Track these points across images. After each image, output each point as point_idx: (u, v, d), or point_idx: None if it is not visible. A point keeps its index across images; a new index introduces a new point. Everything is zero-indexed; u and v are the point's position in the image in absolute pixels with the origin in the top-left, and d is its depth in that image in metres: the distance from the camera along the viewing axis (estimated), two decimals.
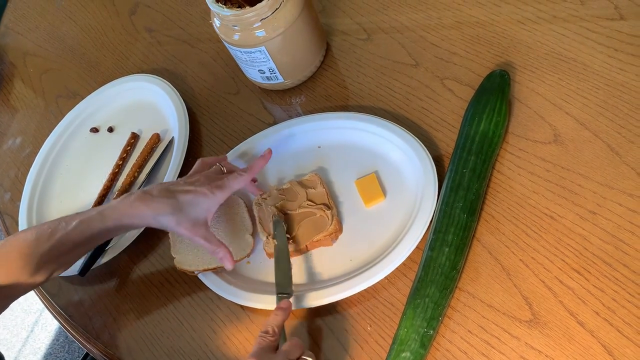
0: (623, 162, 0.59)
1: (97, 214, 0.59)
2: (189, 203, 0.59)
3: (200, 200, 0.60)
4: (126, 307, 0.72)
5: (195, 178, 0.63)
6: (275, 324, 0.54)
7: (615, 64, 0.65)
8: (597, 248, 0.56)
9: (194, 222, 0.60)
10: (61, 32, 1.09)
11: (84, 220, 0.59)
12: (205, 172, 0.65)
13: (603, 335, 0.52)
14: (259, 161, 0.67)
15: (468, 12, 0.76)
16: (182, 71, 0.91)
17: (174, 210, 0.59)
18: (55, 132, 0.90)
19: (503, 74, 0.66)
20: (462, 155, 0.62)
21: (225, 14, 0.69)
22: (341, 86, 0.78)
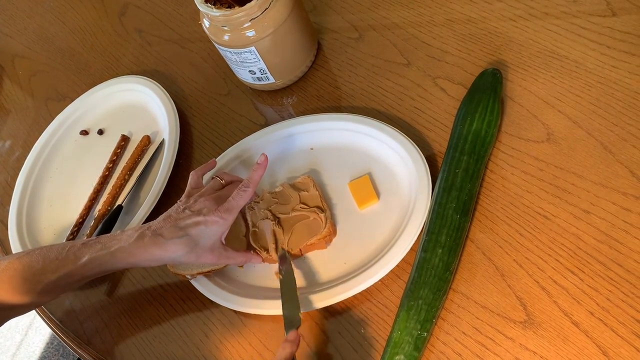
0: (616, 160, 0.59)
1: (109, 254, 0.58)
2: (202, 236, 0.58)
3: (213, 229, 0.58)
4: (118, 311, 0.71)
5: (200, 203, 0.59)
6: (284, 359, 0.52)
7: (608, 61, 0.65)
8: (591, 247, 0.56)
9: (211, 250, 0.59)
10: (50, 34, 1.08)
11: (95, 259, 0.58)
12: (206, 192, 0.62)
13: (598, 335, 0.52)
14: (258, 170, 0.63)
15: (459, 9, 0.76)
16: (172, 72, 0.90)
17: (190, 248, 0.58)
18: (45, 135, 0.89)
19: (495, 72, 0.66)
20: (454, 155, 0.61)
21: (215, 14, 0.68)
22: (333, 86, 0.77)
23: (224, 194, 0.62)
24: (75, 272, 0.58)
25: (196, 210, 0.58)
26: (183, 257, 0.58)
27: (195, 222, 0.58)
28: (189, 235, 0.57)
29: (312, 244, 0.63)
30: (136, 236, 0.58)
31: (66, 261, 0.58)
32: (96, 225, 0.77)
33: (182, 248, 0.57)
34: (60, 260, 0.58)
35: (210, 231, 0.58)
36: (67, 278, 0.58)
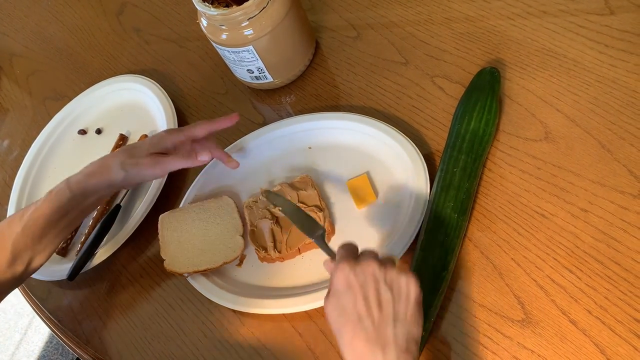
0: (614, 159, 0.59)
1: (64, 181, 0.63)
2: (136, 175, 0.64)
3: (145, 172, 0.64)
4: (116, 311, 0.71)
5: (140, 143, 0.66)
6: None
7: (605, 60, 0.65)
8: (588, 246, 0.56)
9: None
10: (48, 33, 1.08)
11: (52, 190, 0.63)
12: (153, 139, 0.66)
13: (595, 333, 0.52)
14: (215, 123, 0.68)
15: (457, 8, 0.76)
16: (170, 71, 0.90)
17: (124, 180, 0.64)
18: (43, 134, 0.89)
19: (493, 71, 0.66)
20: (452, 154, 0.61)
21: (212, 13, 0.68)
22: (331, 85, 0.77)
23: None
24: (37, 215, 0.61)
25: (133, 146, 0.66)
26: (127, 166, 0.63)
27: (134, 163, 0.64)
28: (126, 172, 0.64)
29: (311, 243, 0.63)
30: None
31: (29, 208, 0.63)
32: (94, 224, 0.77)
33: (123, 156, 0.64)
34: (24, 210, 0.63)
35: (132, 164, 0.64)
36: (31, 225, 0.61)
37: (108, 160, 0.64)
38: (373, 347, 0.43)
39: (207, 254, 0.66)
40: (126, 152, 0.64)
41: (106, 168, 0.63)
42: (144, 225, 0.73)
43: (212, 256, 0.65)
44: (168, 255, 0.67)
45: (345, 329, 0.45)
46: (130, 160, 0.63)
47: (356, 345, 0.44)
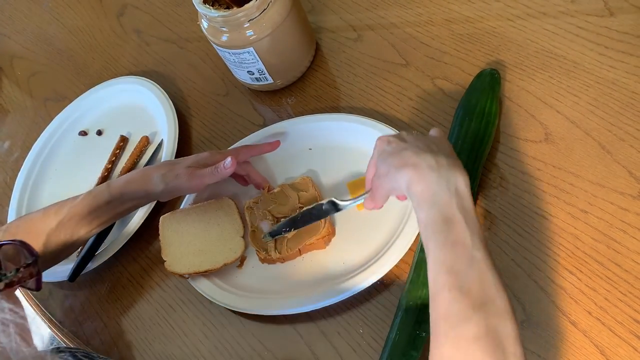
0: (614, 160, 0.59)
1: (105, 184, 0.65)
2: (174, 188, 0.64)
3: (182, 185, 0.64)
4: (117, 312, 0.71)
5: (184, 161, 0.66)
6: None
7: (605, 61, 0.65)
8: (589, 247, 0.56)
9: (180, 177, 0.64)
10: (48, 34, 1.08)
11: (91, 191, 0.65)
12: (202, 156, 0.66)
13: (595, 334, 0.52)
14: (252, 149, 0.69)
15: (457, 9, 0.76)
16: (170, 73, 0.90)
17: (163, 192, 0.64)
18: (44, 136, 0.89)
19: (493, 72, 0.66)
20: None
21: (213, 15, 0.68)
22: (331, 86, 0.78)
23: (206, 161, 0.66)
24: (73, 212, 0.63)
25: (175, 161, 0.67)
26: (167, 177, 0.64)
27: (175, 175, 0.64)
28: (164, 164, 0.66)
29: (311, 244, 0.63)
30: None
31: (64, 204, 0.64)
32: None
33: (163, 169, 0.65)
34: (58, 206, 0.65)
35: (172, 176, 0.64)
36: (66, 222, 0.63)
37: (150, 170, 0.65)
38: (421, 154, 0.48)
39: (208, 255, 0.66)
40: (167, 166, 0.65)
41: (147, 177, 0.64)
42: (144, 226, 0.73)
43: (213, 257, 0.65)
44: (169, 256, 0.67)
45: (393, 160, 0.50)
46: (170, 173, 0.63)
47: (406, 161, 0.48)
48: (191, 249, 0.67)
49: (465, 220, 0.44)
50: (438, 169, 0.46)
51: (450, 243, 0.43)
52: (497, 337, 0.40)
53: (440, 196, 0.45)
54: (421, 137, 0.52)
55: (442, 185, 0.46)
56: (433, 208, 0.45)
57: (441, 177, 0.46)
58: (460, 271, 0.42)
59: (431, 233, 0.45)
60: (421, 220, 0.46)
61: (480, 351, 0.39)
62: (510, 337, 0.40)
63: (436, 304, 0.43)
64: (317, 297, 0.60)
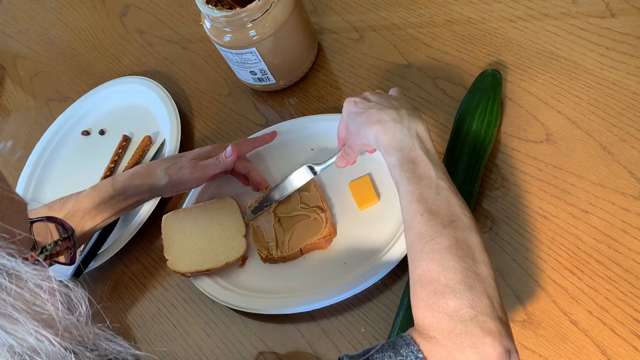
0: (615, 160, 0.59)
1: (110, 178, 0.66)
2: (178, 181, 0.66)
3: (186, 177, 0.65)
4: (119, 310, 0.71)
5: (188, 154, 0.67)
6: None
7: (606, 62, 0.65)
8: (589, 247, 0.56)
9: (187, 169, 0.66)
10: (51, 35, 1.08)
11: (96, 186, 0.66)
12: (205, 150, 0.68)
13: (596, 334, 0.52)
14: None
15: (459, 10, 0.76)
16: (173, 73, 0.90)
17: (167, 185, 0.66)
18: (47, 136, 0.89)
19: (495, 73, 0.66)
20: (454, 155, 0.61)
21: (216, 15, 0.68)
22: (333, 87, 0.78)
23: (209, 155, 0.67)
24: (78, 206, 0.64)
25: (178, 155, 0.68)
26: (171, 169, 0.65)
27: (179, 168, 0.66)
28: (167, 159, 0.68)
29: (313, 244, 0.64)
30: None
31: (70, 198, 0.66)
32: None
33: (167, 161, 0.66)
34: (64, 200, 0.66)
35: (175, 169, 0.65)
36: (72, 216, 0.64)
37: (154, 164, 0.66)
38: (385, 110, 0.55)
39: (210, 254, 0.66)
40: (171, 159, 0.66)
41: (151, 171, 0.65)
42: (147, 225, 0.73)
43: (215, 256, 0.66)
44: (171, 255, 0.67)
45: (361, 119, 0.56)
46: (174, 166, 0.65)
47: (372, 118, 0.55)
48: (193, 248, 0.67)
49: (427, 158, 0.50)
50: (400, 120, 0.53)
51: (416, 177, 0.49)
52: (467, 247, 0.44)
53: (404, 141, 0.52)
54: (383, 95, 0.59)
55: (405, 133, 0.52)
56: (399, 152, 0.51)
57: (403, 126, 0.53)
58: (429, 198, 0.48)
59: (399, 172, 0.50)
60: (390, 164, 0.52)
61: (453, 258, 0.44)
62: (477, 247, 0.45)
63: (410, 228, 0.47)
64: (319, 297, 0.60)
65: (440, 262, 0.44)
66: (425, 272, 0.44)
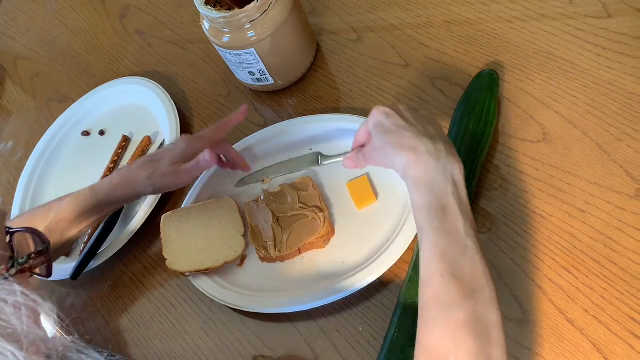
0: (611, 160, 0.59)
1: (89, 188, 0.65)
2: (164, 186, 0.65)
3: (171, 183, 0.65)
4: (118, 310, 0.72)
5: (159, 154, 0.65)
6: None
7: (603, 62, 0.65)
8: (586, 246, 0.56)
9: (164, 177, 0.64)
10: (52, 36, 1.09)
11: (77, 196, 0.65)
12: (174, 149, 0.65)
13: (592, 332, 0.52)
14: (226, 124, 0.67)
15: (457, 11, 0.77)
16: (173, 73, 0.91)
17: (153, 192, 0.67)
18: (47, 136, 0.90)
19: (492, 73, 0.66)
20: None
21: (215, 16, 0.69)
22: (332, 87, 0.78)
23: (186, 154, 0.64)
24: (60, 216, 0.64)
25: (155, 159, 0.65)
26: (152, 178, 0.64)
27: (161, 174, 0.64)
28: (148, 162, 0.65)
29: (311, 243, 0.64)
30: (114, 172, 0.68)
31: (51, 207, 0.65)
32: (98, 225, 0.77)
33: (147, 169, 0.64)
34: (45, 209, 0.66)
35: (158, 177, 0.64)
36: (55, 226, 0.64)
37: (134, 173, 0.64)
38: (421, 138, 0.48)
39: (209, 253, 0.66)
40: (150, 165, 0.64)
41: (133, 181, 0.64)
42: (146, 225, 0.74)
43: (214, 256, 0.66)
44: (170, 255, 0.68)
45: (391, 138, 0.49)
46: (156, 174, 0.63)
47: (405, 143, 0.48)
48: (192, 248, 0.67)
49: (459, 209, 0.45)
50: (437, 155, 0.47)
51: (444, 230, 0.44)
52: (484, 324, 0.41)
53: (438, 182, 0.46)
54: (418, 116, 0.52)
55: (440, 172, 0.46)
56: (430, 193, 0.46)
57: (439, 163, 0.47)
58: (454, 258, 0.43)
59: (426, 217, 0.45)
60: (416, 204, 0.47)
61: (468, 336, 0.40)
62: (496, 326, 0.41)
63: (427, 286, 0.43)
64: (317, 296, 0.60)
65: (454, 337, 0.41)
66: (434, 344, 0.41)
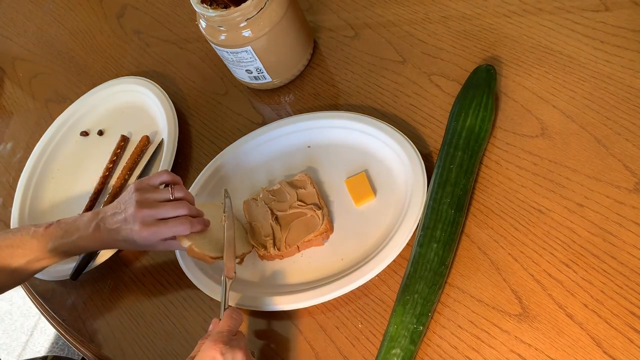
0: (610, 154, 0.59)
1: (71, 243, 0.62)
2: (135, 240, 0.61)
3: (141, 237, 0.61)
4: (119, 309, 0.72)
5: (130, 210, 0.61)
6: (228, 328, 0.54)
7: (600, 55, 0.65)
8: (585, 240, 0.56)
9: (149, 246, 0.62)
10: (49, 36, 1.09)
11: (59, 246, 0.63)
12: (147, 199, 0.61)
13: (592, 327, 0.52)
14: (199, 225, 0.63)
15: (454, 6, 0.76)
16: (170, 73, 0.90)
17: (131, 245, 0.62)
18: (46, 137, 0.90)
19: (489, 68, 0.66)
20: (449, 151, 0.62)
21: (211, 14, 0.68)
22: (329, 84, 0.78)
23: (161, 214, 0.61)
24: (42, 257, 0.63)
25: (125, 219, 0.61)
26: (131, 248, 0.65)
27: (125, 230, 0.61)
28: (125, 241, 0.62)
29: (310, 241, 0.64)
30: (93, 227, 0.62)
31: (32, 247, 0.63)
32: None
33: (127, 245, 0.63)
34: (26, 247, 0.63)
35: (140, 241, 0.61)
36: (36, 262, 0.63)
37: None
38: None
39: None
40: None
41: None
42: None
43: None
44: (191, 239, 0.62)
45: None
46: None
47: None
48: (212, 237, 0.64)
49: None
50: None
51: None
52: None
53: None
54: None
55: None
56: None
57: None
58: None
59: None
60: None
61: None
62: None
63: None
64: (316, 293, 0.61)
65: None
66: None
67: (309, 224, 0.65)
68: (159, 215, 0.61)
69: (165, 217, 0.61)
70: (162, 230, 0.60)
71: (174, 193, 0.63)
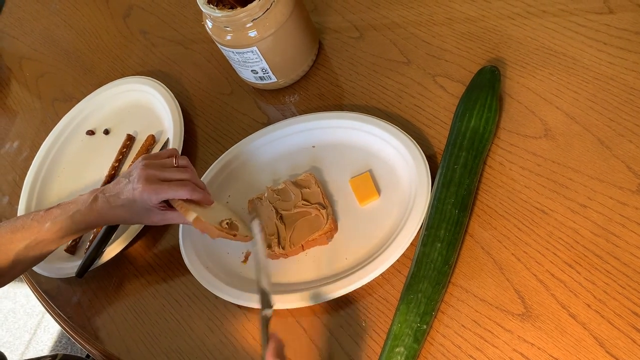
0: (613, 155, 0.60)
1: (69, 218, 0.63)
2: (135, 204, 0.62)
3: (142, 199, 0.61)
4: (124, 307, 0.72)
5: (136, 172, 0.62)
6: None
7: (604, 57, 0.65)
8: (588, 241, 0.56)
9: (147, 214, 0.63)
10: (56, 36, 1.10)
11: (56, 223, 0.63)
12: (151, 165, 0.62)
13: (595, 327, 0.53)
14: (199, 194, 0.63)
15: (459, 8, 0.77)
16: (176, 72, 0.91)
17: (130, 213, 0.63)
18: (52, 135, 0.90)
19: (493, 69, 0.67)
20: (453, 151, 0.62)
21: (217, 15, 0.69)
22: (334, 85, 0.79)
23: (164, 176, 0.62)
24: (41, 238, 0.63)
25: (128, 182, 0.62)
26: (128, 220, 0.64)
27: (127, 192, 0.61)
28: (123, 206, 0.62)
29: (314, 240, 0.64)
30: (91, 199, 0.63)
31: (31, 229, 0.63)
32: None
33: (123, 213, 0.63)
34: (25, 229, 0.63)
35: (140, 201, 0.61)
36: (35, 245, 0.63)
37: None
38: None
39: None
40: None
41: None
42: None
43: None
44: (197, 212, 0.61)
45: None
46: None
47: None
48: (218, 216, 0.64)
49: None
50: None
51: None
52: None
53: None
54: None
55: None
56: None
57: None
58: None
59: None
60: None
61: None
62: None
63: None
64: (320, 292, 0.61)
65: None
66: None
67: (314, 223, 0.65)
68: (163, 176, 0.61)
69: (169, 180, 0.62)
70: (164, 189, 0.60)
71: (178, 161, 0.64)
